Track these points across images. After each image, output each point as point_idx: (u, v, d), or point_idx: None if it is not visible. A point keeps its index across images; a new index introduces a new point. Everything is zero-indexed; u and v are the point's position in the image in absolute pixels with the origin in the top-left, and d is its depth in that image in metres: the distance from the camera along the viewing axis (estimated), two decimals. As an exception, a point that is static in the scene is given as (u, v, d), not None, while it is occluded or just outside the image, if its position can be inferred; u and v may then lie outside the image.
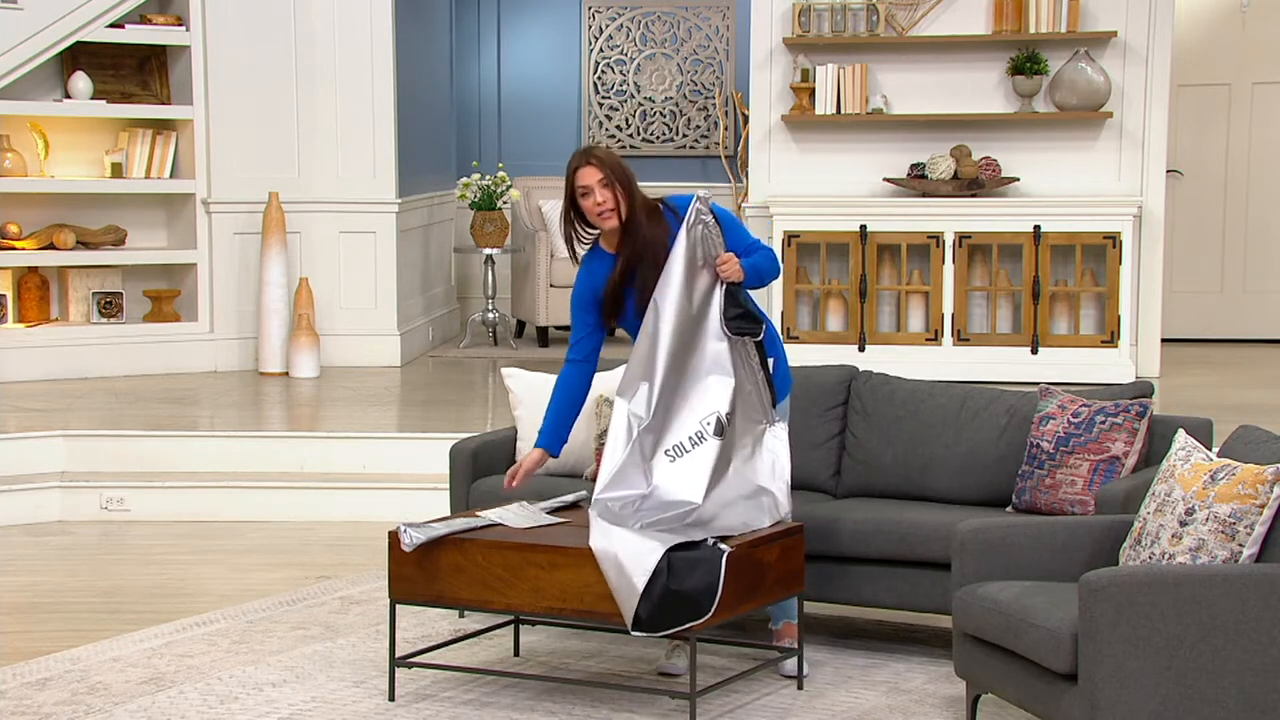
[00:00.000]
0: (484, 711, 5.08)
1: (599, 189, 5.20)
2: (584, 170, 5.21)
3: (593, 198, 5.21)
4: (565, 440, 5.42)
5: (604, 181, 5.20)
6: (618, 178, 5.22)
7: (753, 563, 5.06)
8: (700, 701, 5.08)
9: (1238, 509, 4.33)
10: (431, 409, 9.19)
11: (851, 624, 6.00)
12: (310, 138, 10.41)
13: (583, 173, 5.22)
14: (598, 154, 5.24)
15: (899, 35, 9.99)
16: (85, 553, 7.19)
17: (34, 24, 9.63)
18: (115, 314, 10.16)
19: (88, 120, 10.10)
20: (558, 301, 11.22)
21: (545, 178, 12.08)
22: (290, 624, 6.01)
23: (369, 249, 10.51)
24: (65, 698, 5.19)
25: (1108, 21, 9.87)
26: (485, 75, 13.20)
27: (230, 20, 10.19)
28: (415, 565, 5.13)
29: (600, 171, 5.20)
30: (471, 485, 6.11)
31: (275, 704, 5.14)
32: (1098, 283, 9.72)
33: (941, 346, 9.74)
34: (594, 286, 5.33)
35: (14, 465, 7.92)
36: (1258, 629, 4.16)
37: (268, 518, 7.74)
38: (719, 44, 13.03)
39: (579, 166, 5.23)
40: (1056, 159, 9.98)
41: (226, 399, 9.36)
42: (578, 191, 5.24)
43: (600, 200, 5.21)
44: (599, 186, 5.20)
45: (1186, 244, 11.87)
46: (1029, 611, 4.46)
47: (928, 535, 5.44)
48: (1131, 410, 5.45)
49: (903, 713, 5.07)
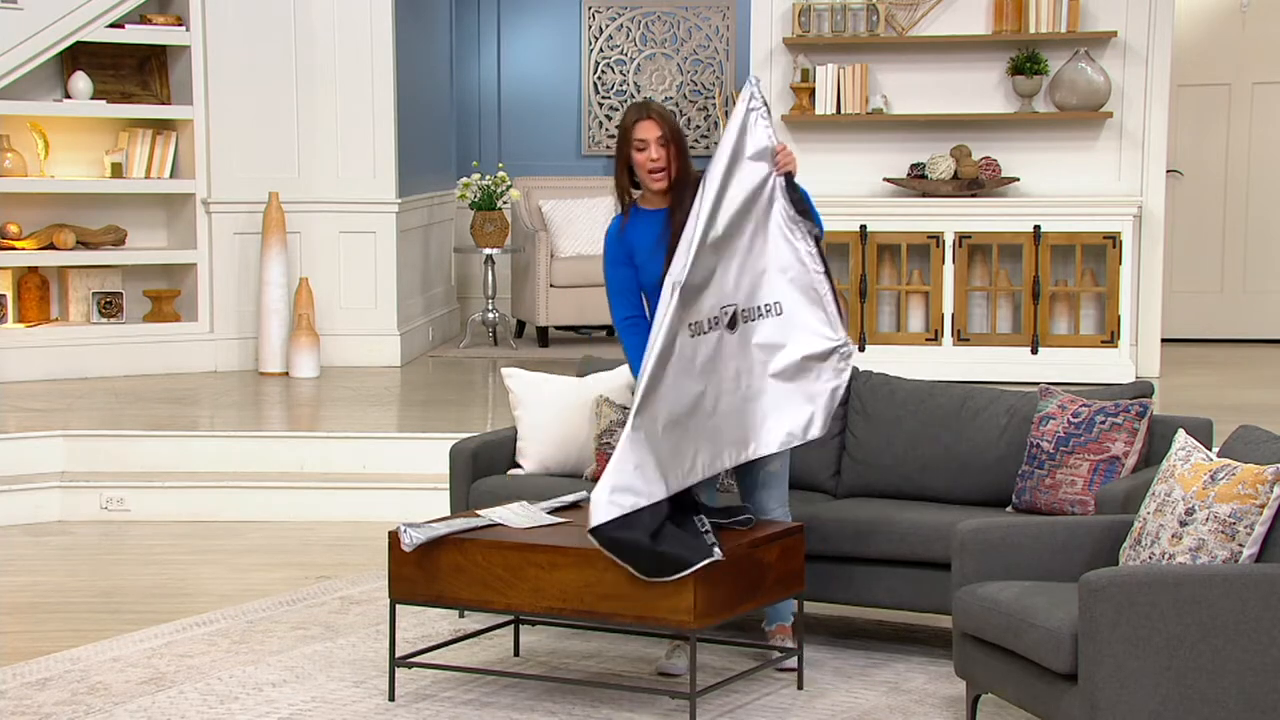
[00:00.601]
0: (484, 711, 5.08)
1: (655, 145, 5.23)
2: (645, 124, 5.23)
3: (649, 153, 5.23)
4: None
5: (662, 139, 5.24)
6: (674, 137, 5.25)
7: (753, 563, 5.06)
8: (700, 701, 5.07)
9: (1238, 509, 4.33)
10: (431, 409, 9.19)
11: (851, 624, 6.00)
12: (310, 138, 10.41)
13: (643, 125, 5.23)
14: (657, 109, 5.27)
15: (899, 35, 9.99)
16: (85, 553, 7.19)
17: (34, 24, 9.63)
18: (115, 314, 10.16)
19: (88, 120, 10.10)
20: (558, 301, 11.22)
21: (545, 178, 12.08)
22: (290, 624, 6.01)
23: (369, 249, 10.51)
24: (65, 698, 5.19)
25: (1108, 21, 9.87)
26: (485, 75, 13.20)
27: (230, 20, 10.19)
28: (415, 565, 5.13)
29: (660, 129, 5.23)
30: (471, 485, 6.11)
31: (275, 704, 5.14)
32: (1098, 283, 9.72)
33: (941, 346, 9.74)
34: (631, 243, 5.30)
35: (14, 465, 7.92)
36: (1258, 629, 4.16)
37: (268, 518, 7.74)
38: (719, 44, 13.03)
39: (639, 119, 5.24)
40: (1056, 159, 9.98)
41: (226, 399, 9.36)
42: (634, 145, 5.24)
43: (655, 157, 5.23)
44: (656, 143, 5.23)
45: (1186, 244, 11.87)
46: (1029, 611, 4.46)
47: (928, 535, 5.44)
48: (1131, 410, 5.45)
49: (903, 713, 5.07)
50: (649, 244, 5.31)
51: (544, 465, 6.19)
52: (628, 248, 5.34)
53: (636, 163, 5.27)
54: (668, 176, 5.26)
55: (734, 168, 5.16)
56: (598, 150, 13.13)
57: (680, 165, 5.28)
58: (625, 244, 5.35)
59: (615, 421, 6.06)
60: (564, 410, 6.21)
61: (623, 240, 5.35)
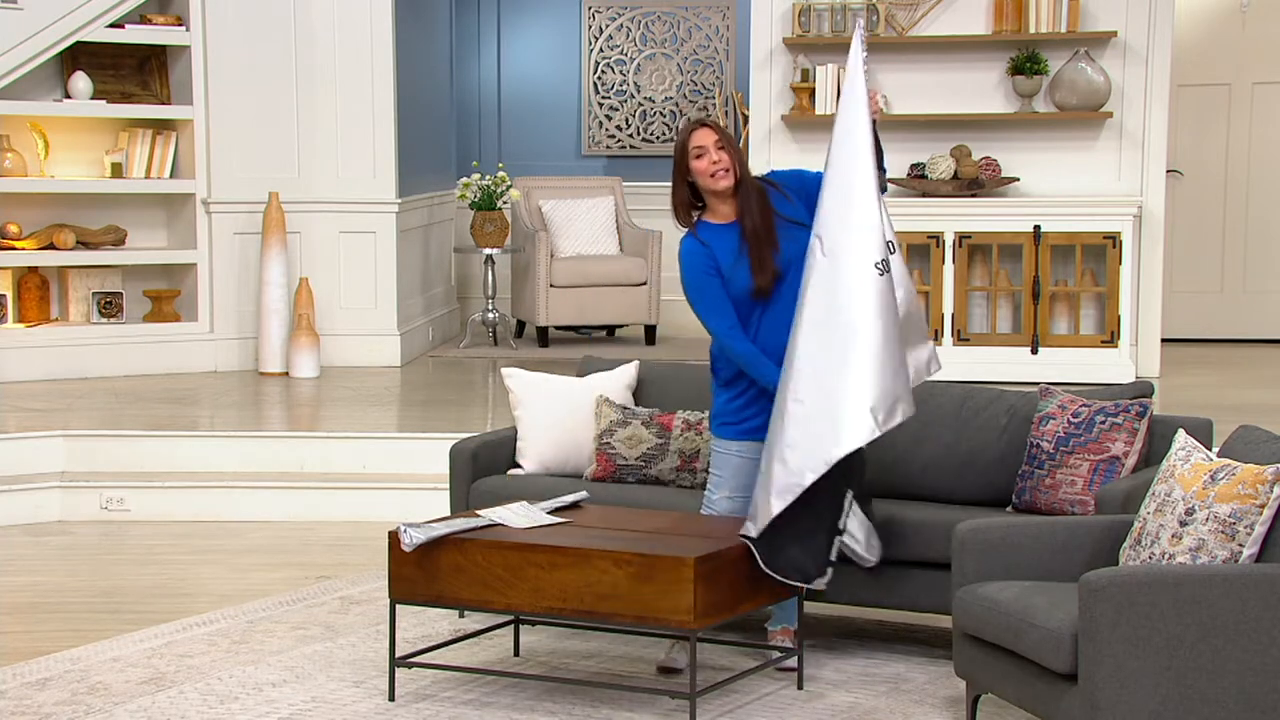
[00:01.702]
0: (484, 711, 5.08)
1: (714, 149, 5.32)
2: (700, 132, 5.35)
3: (708, 157, 5.31)
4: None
5: (719, 143, 5.33)
6: (730, 143, 5.36)
7: (753, 562, 5.07)
8: (700, 701, 5.07)
9: (1238, 509, 4.33)
10: (431, 409, 9.19)
11: (851, 624, 6.00)
12: (310, 138, 10.41)
13: (699, 134, 5.34)
14: (710, 119, 5.42)
15: (899, 35, 9.99)
16: (85, 553, 7.19)
17: (34, 24, 9.63)
18: (115, 314, 10.16)
19: (88, 120, 10.10)
20: (558, 301, 11.22)
21: (545, 178, 12.08)
22: (290, 624, 6.01)
23: (369, 249, 10.51)
24: (65, 698, 5.19)
25: (1108, 21, 9.87)
26: (485, 75, 13.20)
27: (230, 20, 10.19)
28: (415, 565, 5.13)
29: (715, 134, 5.34)
30: (471, 485, 6.11)
31: (275, 704, 5.14)
32: (1098, 283, 9.72)
33: (941, 346, 9.72)
34: (712, 257, 5.32)
35: (14, 465, 7.92)
36: (1258, 629, 4.16)
37: (268, 518, 7.74)
38: (719, 44, 13.03)
39: (693, 129, 5.35)
40: (1056, 159, 9.98)
41: (226, 399, 9.36)
42: (691, 154, 5.33)
43: (716, 159, 5.31)
44: (714, 147, 5.32)
45: (1186, 244, 11.87)
46: (1029, 611, 4.46)
47: (928, 535, 5.44)
48: (1131, 410, 5.45)
49: (903, 713, 5.08)
50: (730, 258, 5.31)
51: (544, 465, 6.19)
52: (713, 260, 5.35)
53: (698, 171, 5.33)
54: (732, 174, 5.33)
55: (863, 116, 5.24)
56: (598, 150, 13.13)
57: (741, 169, 5.36)
58: (713, 264, 5.34)
59: (615, 421, 6.06)
60: (564, 410, 6.21)
61: (709, 259, 5.34)
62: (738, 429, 5.39)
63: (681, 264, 5.37)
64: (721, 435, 5.43)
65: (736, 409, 5.39)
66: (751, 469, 5.36)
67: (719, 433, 5.44)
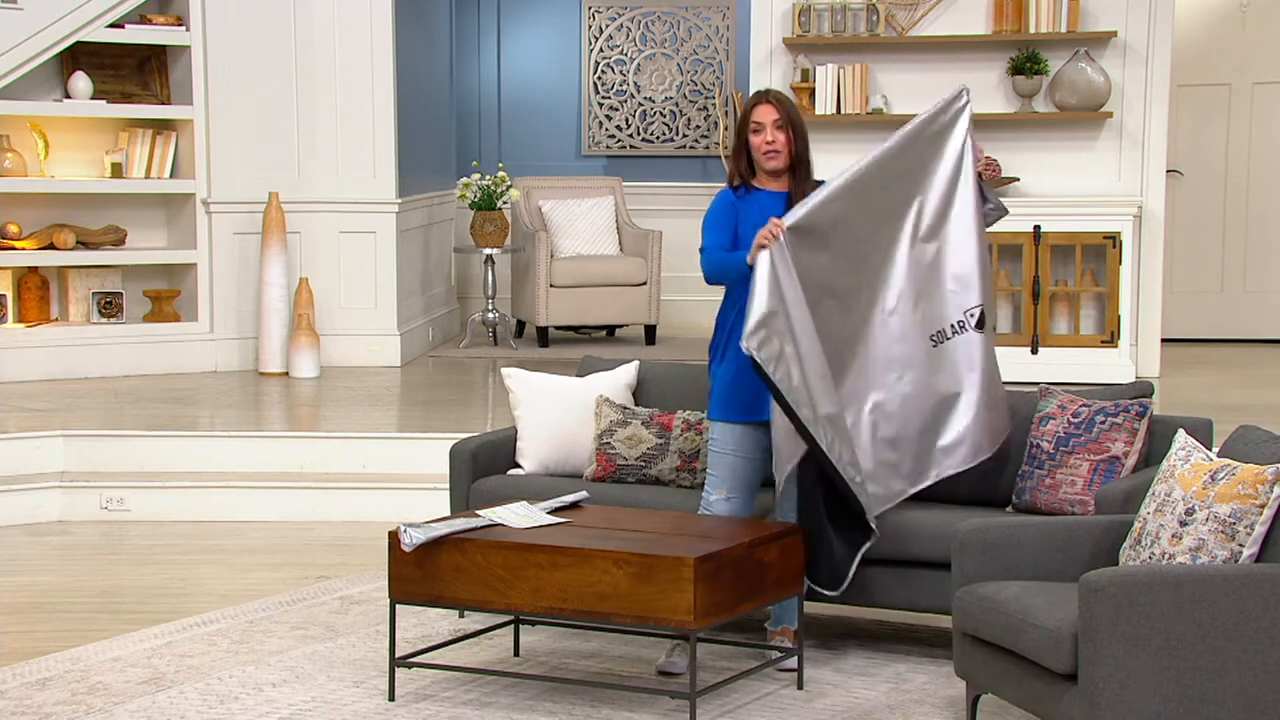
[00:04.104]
0: (484, 711, 5.08)
1: (771, 128, 5.37)
2: (762, 107, 5.39)
3: (764, 135, 5.37)
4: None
5: (778, 123, 5.38)
6: (792, 122, 5.39)
7: (753, 562, 5.07)
8: (700, 701, 5.08)
9: (1238, 509, 4.33)
10: (431, 409, 9.19)
11: (851, 624, 6.00)
12: (310, 138, 10.41)
13: (760, 109, 5.39)
14: (776, 94, 5.43)
15: (899, 35, 9.99)
16: (85, 553, 7.19)
17: (34, 24, 9.63)
18: (115, 314, 10.16)
19: (88, 120, 10.10)
20: (558, 301, 11.22)
21: (545, 178, 12.08)
22: (290, 624, 6.01)
23: (369, 249, 10.51)
24: (65, 698, 5.19)
25: (1108, 21, 9.87)
26: (485, 75, 13.20)
27: (230, 20, 10.19)
28: (415, 565, 5.13)
29: (777, 112, 5.39)
30: (471, 485, 6.11)
31: (275, 704, 5.14)
32: (1098, 283, 9.72)
33: (941, 346, 9.73)
34: (740, 214, 5.39)
35: (14, 465, 7.92)
36: (1258, 629, 4.17)
37: (268, 518, 7.74)
38: (719, 44, 13.03)
39: (757, 103, 5.40)
40: (1056, 159, 9.98)
41: (226, 399, 9.36)
42: (751, 127, 5.39)
43: (770, 139, 5.37)
44: (772, 126, 5.37)
45: (1186, 244, 11.87)
46: (1029, 611, 4.46)
47: (928, 535, 5.44)
48: (1131, 410, 5.45)
49: (903, 713, 5.08)
50: (760, 220, 5.33)
51: (544, 465, 6.20)
52: (734, 217, 5.41)
53: (752, 145, 5.41)
54: (785, 156, 5.38)
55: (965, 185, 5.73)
56: (598, 150, 13.13)
57: (798, 149, 5.40)
58: (733, 212, 5.42)
59: (615, 421, 6.06)
60: (564, 410, 6.21)
61: (732, 208, 5.43)
62: (724, 409, 5.43)
63: (710, 206, 5.49)
64: (713, 417, 5.47)
65: (725, 388, 5.42)
66: (748, 469, 5.38)
67: (714, 415, 5.46)
